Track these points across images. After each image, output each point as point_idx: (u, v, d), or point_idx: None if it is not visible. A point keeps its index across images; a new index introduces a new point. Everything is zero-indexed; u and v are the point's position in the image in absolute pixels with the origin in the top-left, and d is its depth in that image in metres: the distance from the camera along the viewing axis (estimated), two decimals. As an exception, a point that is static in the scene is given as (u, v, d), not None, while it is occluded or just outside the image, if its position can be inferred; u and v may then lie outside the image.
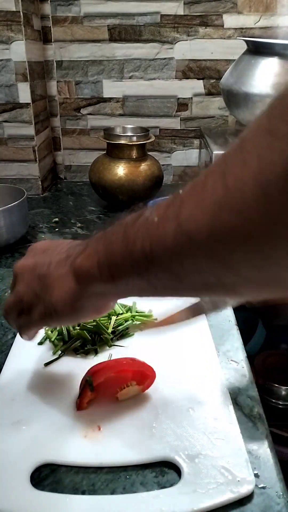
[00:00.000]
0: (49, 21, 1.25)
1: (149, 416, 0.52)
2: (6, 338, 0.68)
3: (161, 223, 0.31)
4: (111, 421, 0.51)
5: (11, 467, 0.46)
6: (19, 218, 0.94)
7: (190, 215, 0.29)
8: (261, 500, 0.43)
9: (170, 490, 0.44)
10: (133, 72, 1.30)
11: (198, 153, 1.38)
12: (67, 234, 1.05)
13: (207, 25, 1.24)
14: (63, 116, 1.36)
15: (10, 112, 1.19)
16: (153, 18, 1.24)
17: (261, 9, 1.22)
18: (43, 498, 0.43)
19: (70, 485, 0.45)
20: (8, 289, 0.80)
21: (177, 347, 0.63)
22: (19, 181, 1.25)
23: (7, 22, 1.10)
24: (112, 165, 1.11)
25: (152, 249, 0.32)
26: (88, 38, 1.26)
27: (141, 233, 0.33)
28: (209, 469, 0.45)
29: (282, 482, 0.45)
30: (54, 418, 0.52)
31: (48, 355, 0.62)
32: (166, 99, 1.32)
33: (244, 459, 0.46)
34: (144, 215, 0.34)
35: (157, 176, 1.15)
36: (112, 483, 0.45)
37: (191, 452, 0.47)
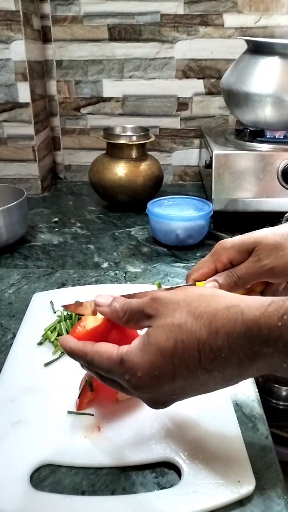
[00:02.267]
0: (49, 20, 1.25)
1: (149, 417, 0.51)
2: (6, 338, 0.68)
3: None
4: (111, 422, 0.51)
5: (11, 467, 0.46)
6: (19, 218, 0.94)
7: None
8: (261, 500, 0.43)
9: (170, 491, 0.44)
10: (133, 72, 1.30)
11: (198, 153, 1.37)
12: (67, 234, 1.05)
13: (207, 24, 1.24)
14: (62, 115, 1.36)
15: (10, 111, 1.19)
16: (153, 17, 1.23)
17: (261, 9, 1.22)
18: (43, 499, 0.43)
19: (70, 485, 0.45)
20: (7, 289, 0.80)
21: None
22: (18, 181, 1.25)
23: (6, 22, 1.10)
24: (112, 165, 1.11)
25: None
26: (88, 37, 1.26)
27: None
28: (209, 469, 0.45)
29: (282, 483, 0.45)
30: (54, 418, 0.52)
31: (48, 355, 0.62)
32: (166, 99, 1.32)
33: (245, 460, 0.46)
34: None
35: (157, 176, 1.15)
36: (112, 484, 0.45)
37: (191, 452, 0.47)
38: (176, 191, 1.27)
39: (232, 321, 0.36)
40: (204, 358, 0.37)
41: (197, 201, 1.00)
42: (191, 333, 0.37)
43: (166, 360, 0.37)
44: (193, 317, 0.37)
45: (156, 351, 0.37)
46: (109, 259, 0.92)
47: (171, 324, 0.38)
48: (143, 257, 0.93)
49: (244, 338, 0.36)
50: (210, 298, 0.39)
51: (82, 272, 0.86)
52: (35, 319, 0.69)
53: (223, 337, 0.36)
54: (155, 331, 0.38)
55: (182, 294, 0.39)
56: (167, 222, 0.93)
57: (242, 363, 0.36)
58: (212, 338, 0.36)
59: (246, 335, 0.35)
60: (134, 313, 0.41)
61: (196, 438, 0.49)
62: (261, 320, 0.35)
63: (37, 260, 0.92)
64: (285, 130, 1.05)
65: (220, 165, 1.00)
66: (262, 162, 0.99)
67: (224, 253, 0.50)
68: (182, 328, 0.37)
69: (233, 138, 1.10)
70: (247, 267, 0.49)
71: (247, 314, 0.36)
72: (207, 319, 0.37)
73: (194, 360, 0.37)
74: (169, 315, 0.38)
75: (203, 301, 0.38)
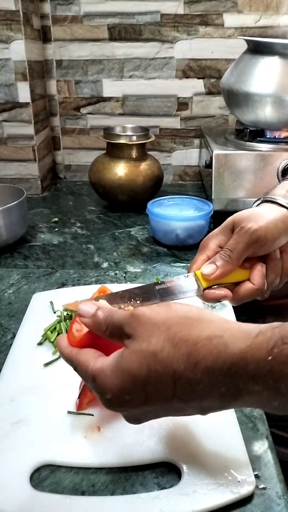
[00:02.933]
0: (49, 20, 1.25)
1: (149, 417, 0.51)
2: (6, 338, 0.68)
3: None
4: (111, 422, 0.51)
5: (11, 467, 0.46)
6: (19, 218, 0.94)
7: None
8: (261, 501, 0.43)
9: (170, 491, 0.44)
10: (133, 72, 1.30)
11: (198, 153, 1.37)
12: (67, 234, 1.05)
13: (207, 24, 1.24)
14: (62, 115, 1.36)
15: (10, 111, 1.19)
16: (153, 17, 1.23)
17: (261, 9, 1.22)
18: (42, 499, 0.43)
19: (70, 485, 0.45)
20: (7, 289, 0.80)
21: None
22: (18, 180, 1.25)
23: (6, 22, 1.09)
24: (112, 165, 1.11)
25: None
26: (88, 37, 1.26)
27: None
28: (209, 470, 0.45)
29: (283, 483, 0.45)
30: (54, 419, 0.52)
31: (48, 355, 0.62)
32: (166, 99, 1.32)
33: (245, 460, 0.46)
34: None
35: (157, 175, 1.15)
36: (112, 484, 0.45)
37: (191, 452, 0.47)
38: (176, 191, 1.27)
39: (214, 354, 0.33)
40: (179, 389, 0.34)
41: (197, 201, 1.00)
42: (167, 363, 0.34)
43: (138, 387, 0.35)
44: (171, 344, 0.34)
45: (127, 377, 0.35)
46: (109, 259, 0.92)
47: (146, 351, 0.34)
48: (143, 257, 0.93)
49: (227, 374, 0.33)
50: (192, 324, 0.35)
51: (82, 272, 0.86)
52: (35, 319, 0.69)
53: (203, 370, 0.33)
54: (129, 355, 0.35)
55: (164, 315, 0.36)
56: (167, 222, 0.93)
57: (223, 398, 0.34)
58: (190, 370, 0.33)
59: (229, 370, 0.33)
60: (115, 328, 0.38)
61: (196, 438, 0.49)
62: (248, 353, 0.32)
63: (37, 260, 0.92)
64: (285, 130, 1.05)
65: (220, 165, 1.00)
66: (262, 162, 0.99)
67: (210, 242, 0.52)
68: (158, 356, 0.34)
69: (233, 138, 1.10)
70: (234, 238, 0.50)
71: (232, 347, 0.33)
72: (186, 348, 0.34)
73: (168, 390, 0.34)
74: (145, 339, 0.35)
75: (185, 327, 0.35)
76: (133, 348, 0.35)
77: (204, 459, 0.46)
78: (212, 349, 0.33)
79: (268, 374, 0.31)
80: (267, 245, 0.50)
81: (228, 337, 0.33)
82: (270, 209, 0.52)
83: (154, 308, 0.37)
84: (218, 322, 0.36)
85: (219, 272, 0.49)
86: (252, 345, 0.32)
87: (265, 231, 0.49)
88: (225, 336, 0.34)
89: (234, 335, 0.33)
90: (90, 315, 0.39)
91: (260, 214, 0.51)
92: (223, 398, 0.34)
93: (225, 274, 0.49)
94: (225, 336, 0.34)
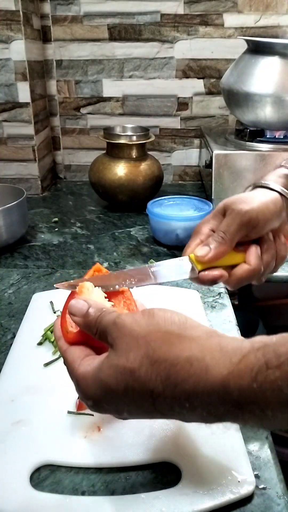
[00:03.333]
0: (49, 20, 1.25)
1: (149, 417, 0.51)
2: (6, 338, 0.68)
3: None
4: (111, 422, 0.51)
5: (11, 468, 0.46)
6: (19, 218, 0.94)
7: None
8: (261, 501, 0.43)
9: (170, 491, 0.44)
10: (133, 71, 1.30)
11: (198, 153, 1.37)
12: (67, 234, 1.05)
13: (207, 24, 1.24)
14: (62, 115, 1.36)
15: (10, 111, 1.19)
16: (153, 17, 1.23)
17: (261, 9, 1.22)
18: (42, 499, 0.43)
19: (70, 485, 0.45)
20: (7, 289, 0.80)
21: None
22: (18, 180, 1.25)
23: (6, 22, 1.09)
24: (112, 165, 1.11)
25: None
26: (88, 37, 1.26)
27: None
28: (209, 469, 0.45)
29: (283, 483, 0.45)
30: (54, 419, 0.52)
31: (48, 355, 0.62)
32: (166, 99, 1.32)
33: (245, 460, 0.46)
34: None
35: (157, 175, 1.15)
36: (112, 484, 0.45)
37: (191, 452, 0.47)
38: (176, 191, 1.27)
39: (194, 379, 0.31)
40: (159, 406, 0.33)
41: (197, 201, 1.00)
42: (144, 382, 0.33)
43: (118, 399, 0.34)
44: (149, 362, 0.33)
45: (107, 390, 0.34)
46: (109, 259, 0.92)
47: (123, 368, 0.33)
48: (143, 257, 0.93)
49: (207, 401, 0.31)
50: (173, 341, 0.33)
51: (82, 272, 0.86)
52: (35, 319, 0.69)
53: (182, 393, 0.32)
54: (108, 369, 0.34)
55: (144, 327, 0.35)
56: (167, 222, 0.93)
57: (206, 419, 0.33)
58: (169, 391, 0.32)
59: (210, 397, 0.31)
60: (103, 333, 0.37)
61: (196, 438, 0.49)
62: (230, 381, 0.30)
63: (37, 260, 0.92)
64: (285, 130, 1.05)
65: (220, 165, 1.00)
66: (262, 162, 0.99)
67: (203, 227, 0.52)
68: (135, 375, 0.33)
69: (233, 138, 1.10)
70: (226, 220, 0.50)
71: (213, 373, 0.31)
72: (164, 368, 0.32)
73: (148, 406, 0.33)
74: (123, 354, 0.34)
75: (165, 343, 0.33)
76: (112, 362, 0.34)
77: (204, 459, 0.46)
78: (192, 373, 0.31)
79: (253, 402, 0.30)
80: (259, 227, 0.49)
81: (209, 360, 0.31)
82: (262, 192, 0.52)
83: (137, 317, 0.36)
84: (199, 340, 0.33)
85: (212, 254, 0.48)
86: (234, 372, 0.30)
87: (257, 212, 0.49)
88: (206, 359, 0.32)
89: (215, 358, 0.31)
90: (82, 314, 0.38)
91: (251, 197, 0.51)
92: (205, 419, 0.33)
93: (219, 256, 0.48)
94: (206, 359, 0.32)
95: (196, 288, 0.78)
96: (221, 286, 0.80)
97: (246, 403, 0.30)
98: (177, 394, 0.32)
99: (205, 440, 0.48)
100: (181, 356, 0.32)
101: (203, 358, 0.32)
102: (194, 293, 0.76)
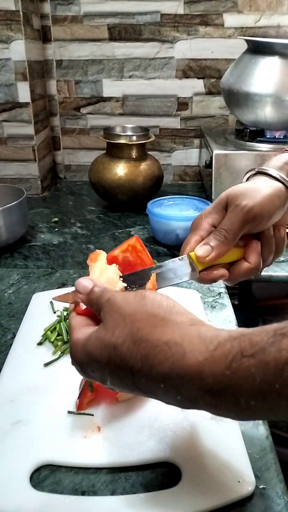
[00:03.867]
0: (49, 20, 1.25)
1: (149, 417, 0.51)
2: (6, 338, 0.67)
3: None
4: (111, 422, 0.51)
5: (11, 468, 0.46)
6: (19, 218, 0.94)
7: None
8: (261, 501, 0.43)
9: (170, 491, 0.44)
10: (133, 71, 1.30)
11: (198, 153, 1.37)
12: (67, 234, 1.05)
13: (208, 24, 1.24)
14: (62, 115, 1.36)
15: (10, 111, 1.19)
16: (153, 17, 1.23)
17: (261, 9, 1.22)
18: (42, 499, 0.43)
19: (70, 485, 0.45)
20: (7, 289, 0.80)
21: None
22: (18, 180, 1.25)
23: (6, 22, 1.09)
24: (112, 165, 1.11)
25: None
26: (88, 37, 1.26)
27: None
28: (209, 469, 0.45)
29: (283, 483, 0.45)
30: (54, 419, 0.52)
31: (48, 355, 0.62)
32: (166, 99, 1.32)
33: (245, 460, 0.46)
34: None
35: (157, 175, 1.15)
36: (112, 484, 0.45)
37: (191, 453, 0.47)
38: (176, 191, 1.27)
39: (170, 362, 0.32)
40: (138, 382, 0.34)
41: (197, 201, 1.00)
42: (125, 358, 0.34)
43: (101, 368, 0.36)
44: (131, 340, 0.34)
45: (91, 359, 0.36)
46: (109, 259, 0.92)
47: (108, 341, 0.35)
48: (143, 257, 0.92)
49: (182, 384, 0.32)
50: (156, 324, 0.34)
51: (82, 272, 0.86)
52: (35, 319, 0.69)
53: (158, 374, 0.33)
54: (95, 340, 0.36)
55: (133, 307, 0.36)
56: (167, 222, 0.93)
57: (181, 403, 0.34)
58: (146, 371, 0.33)
59: (183, 380, 0.32)
60: (98, 309, 0.39)
61: (196, 438, 0.49)
62: (205, 367, 0.31)
63: (37, 260, 0.92)
64: (285, 130, 1.05)
65: (220, 165, 1.00)
66: (262, 162, 0.99)
67: (203, 221, 0.49)
68: (117, 350, 0.35)
69: (233, 138, 1.10)
70: (229, 217, 0.47)
71: (189, 358, 0.32)
72: (144, 348, 0.34)
73: (128, 380, 0.35)
74: (110, 329, 0.36)
75: (148, 325, 0.35)
76: (99, 334, 0.36)
77: (204, 459, 0.46)
78: (169, 356, 0.32)
79: (227, 388, 0.30)
80: (262, 223, 0.48)
81: (186, 346, 0.32)
82: (265, 183, 0.49)
83: (128, 297, 0.37)
84: (181, 326, 0.34)
85: (214, 254, 0.46)
86: (209, 358, 0.31)
87: (261, 209, 0.47)
88: (184, 344, 0.32)
89: (193, 344, 0.32)
90: (86, 292, 0.40)
91: (254, 190, 0.48)
92: (180, 403, 0.34)
93: (221, 255, 0.47)
94: (184, 344, 0.32)
95: (196, 288, 0.78)
96: (221, 286, 0.80)
97: (220, 389, 0.30)
98: (154, 374, 0.33)
99: (205, 440, 0.48)
100: (161, 339, 0.34)
101: (181, 343, 0.33)
102: (194, 293, 0.76)
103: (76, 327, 0.40)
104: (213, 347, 0.31)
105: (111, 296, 0.38)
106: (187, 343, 0.33)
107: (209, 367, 0.31)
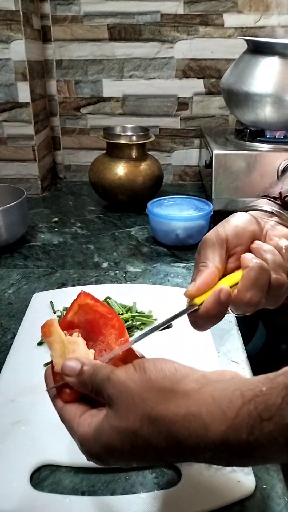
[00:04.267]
0: (49, 20, 1.25)
1: (149, 417, 0.51)
2: (6, 338, 0.67)
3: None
4: (111, 422, 0.51)
5: (11, 468, 0.46)
6: (19, 218, 0.94)
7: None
8: (261, 501, 0.43)
9: (170, 491, 0.44)
10: (133, 72, 1.30)
11: (198, 153, 1.37)
12: (67, 234, 1.05)
13: (208, 24, 1.24)
14: (62, 115, 1.36)
15: (10, 111, 1.19)
16: (153, 17, 1.23)
17: (261, 9, 1.22)
18: (43, 499, 0.43)
19: (70, 486, 0.45)
20: (7, 289, 0.80)
21: (177, 347, 0.63)
22: (18, 180, 1.25)
23: (6, 22, 1.09)
24: (112, 165, 1.11)
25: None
26: (88, 37, 1.26)
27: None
28: (209, 470, 0.45)
29: (283, 483, 0.45)
30: (54, 419, 0.51)
31: (48, 355, 0.62)
32: (166, 99, 1.32)
33: (245, 460, 0.46)
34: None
35: (157, 175, 1.15)
36: (112, 484, 0.45)
37: (191, 452, 0.47)
38: (176, 191, 1.27)
39: (194, 437, 0.32)
40: (165, 458, 0.34)
41: (197, 201, 1.00)
42: (148, 440, 0.33)
43: (124, 457, 0.35)
44: (148, 422, 0.33)
45: (111, 450, 0.35)
46: (109, 259, 0.92)
47: (125, 429, 0.34)
48: (143, 257, 0.93)
49: (209, 452, 0.32)
50: (168, 398, 0.34)
51: (82, 272, 0.86)
52: (35, 319, 0.69)
53: (185, 450, 0.33)
54: (110, 431, 0.34)
55: (138, 383, 0.35)
56: (167, 222, 0.93)
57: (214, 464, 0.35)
58: (172, 447, 0.33)
59: (211, 450, 0.32)
60: (98, 389, 0.37)
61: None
62: (229, 436, 0.31)
63: (37, 260, 0.92)
64: (285, 130, 1.05)
65: (220, 165, 1.00)
66: (262, 162, 0.99)
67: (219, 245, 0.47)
68: (138, 435, 0.34)
69: (233, 138, 1.10)
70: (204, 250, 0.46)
71: (212, 429, 0.32)
72: (164, 426, 0.33)
73: (155, 456, 0.34)
74: (123, 417, 0.34)
75: (160, 401, 0.34)
76: (113, 424, 0.35)
77: (204, 459, 0.46)
78: (192, 431, 0.32)
79: (254, 452, 0.31)
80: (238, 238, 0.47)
81: (205, 417, 0.32)
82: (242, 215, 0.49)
83: (129, 371, 0.36)
84: (193, 394, 0.34)
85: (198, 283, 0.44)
86: (232, 426, 0.31)
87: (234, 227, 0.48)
88: (203, 416, 0.32)
89: (212, 414, 0.32)
90: (76, 374, 0.38)
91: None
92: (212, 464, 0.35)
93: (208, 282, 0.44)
94: (203, 416, 0.32)
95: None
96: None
97: (247, 453, 0.31)
98: (181, 449, 0.33)
99: (205, 440, 0.48)
100: (179, 414, 0.33)
101: (199, 415, 0.32)
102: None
103: (73, 420, 0.37)
104: (232, 415, 0.31)
105: (111, 375, 0.36)
106: (205, 414, 0.32)
107: (233, 436, 0.31)
